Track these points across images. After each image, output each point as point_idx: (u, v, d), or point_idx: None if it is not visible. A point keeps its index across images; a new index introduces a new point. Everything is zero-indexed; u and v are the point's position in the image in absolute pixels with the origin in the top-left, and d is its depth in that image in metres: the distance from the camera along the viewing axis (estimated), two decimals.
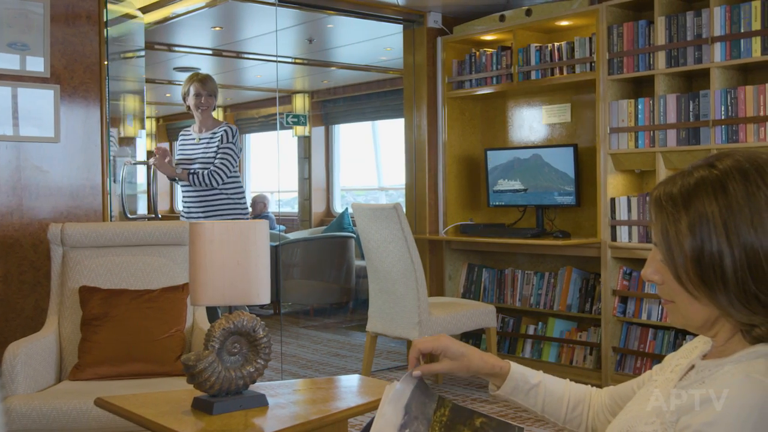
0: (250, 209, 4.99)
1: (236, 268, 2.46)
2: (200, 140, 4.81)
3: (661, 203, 1.24)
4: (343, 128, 9.89)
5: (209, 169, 4.67)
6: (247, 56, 7.60)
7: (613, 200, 4.71)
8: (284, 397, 2.59)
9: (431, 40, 5.71)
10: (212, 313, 4.35)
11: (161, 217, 5.41)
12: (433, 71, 5.72)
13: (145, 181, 4.98)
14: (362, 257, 4.95)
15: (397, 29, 5.93)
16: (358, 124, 9.70)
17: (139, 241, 3.70)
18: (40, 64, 4.06)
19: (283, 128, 9.42)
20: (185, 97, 4.88)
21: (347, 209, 8.50)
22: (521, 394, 1.57)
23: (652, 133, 4.50)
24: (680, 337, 4.44)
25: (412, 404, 1.44)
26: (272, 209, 9.79)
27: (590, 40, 4.86)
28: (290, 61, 7.95)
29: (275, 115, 9.62)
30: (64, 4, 4.15)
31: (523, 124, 5.59)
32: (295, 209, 10.21)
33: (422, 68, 5.72)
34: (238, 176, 4.83)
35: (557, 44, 5.05)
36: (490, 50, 5.49)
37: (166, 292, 3.52)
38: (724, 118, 4.20)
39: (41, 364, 3.24)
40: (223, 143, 4.72)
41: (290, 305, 7.96)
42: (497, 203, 5.49)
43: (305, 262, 7.66)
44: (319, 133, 9.85)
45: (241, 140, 4.82)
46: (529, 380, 1.57)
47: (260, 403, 2.41)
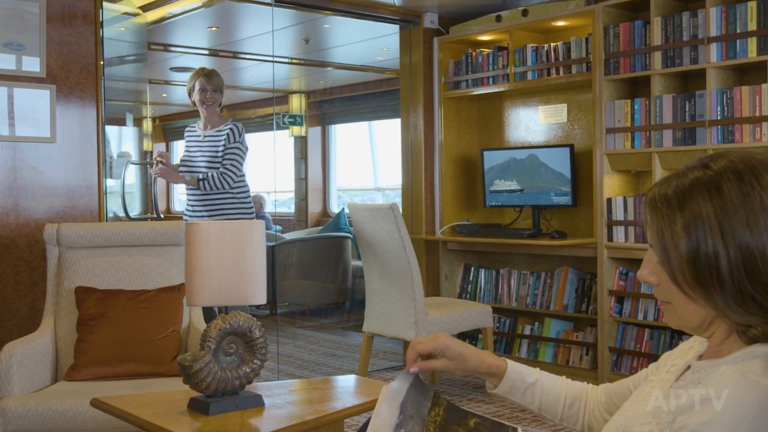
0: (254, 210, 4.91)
1: (232, 268, 2.46)
2: (205, 137, 4.73)
3: (656, 204, 1.24)
4: (339, 128, 9.88)
5: (218, 170, 4.58)
6: (243, 56, 7.59)
7: (609, 200, 4.71)
8: (280, 397, 2.59)
9: (428, 40, 5.71)
10: (208, 313, 4.33)
11: (163, 217, 5.36)
12: (429, 71, 5.72)
13: (137, 180, 4.94)
14: (359, 257, 4.95)
15: (393, 29, 5.93)
16: (354, 124, 9.69)
17: (135, 241, 3.70)
18: (36, 64, 4.06)
19: (279, 128, 9.42)
20: (190, 92, 4.76)
21: (344, 209, 8.50)
22: (518, 393, 1.57)
23: (648, 133, 4.51)
24: (676, 337, 4.45)
25: (407, 403, 1.44)
26: (269, 209, 9.79)
27: (586, 40, 4.87)
28: (287, 61, 7.94)
29: (272, 115, 9.61)
30: (59, 4, 4.14)
31: (519, 124, 5.59)
32: (291, 209, 10.19)
33: (419, 68, 5.72)
34: (243, 176, 4.72)
35: (554, 44, 5.06)
36: (486, 50, 5.49)
37: (162, 292, 3.51)
38: (719, 118, 4.21)
39: (37, 364, 3.23)
40: (230, 143, 4.63)
41: (287, 305, 7.96)
42: (493, 203, 5.49)
43: (302, 262, 7.66)
44: (315, 133, 9.84)
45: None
46: (525, 379, 1.57)
47: (256, 403, 2.41)
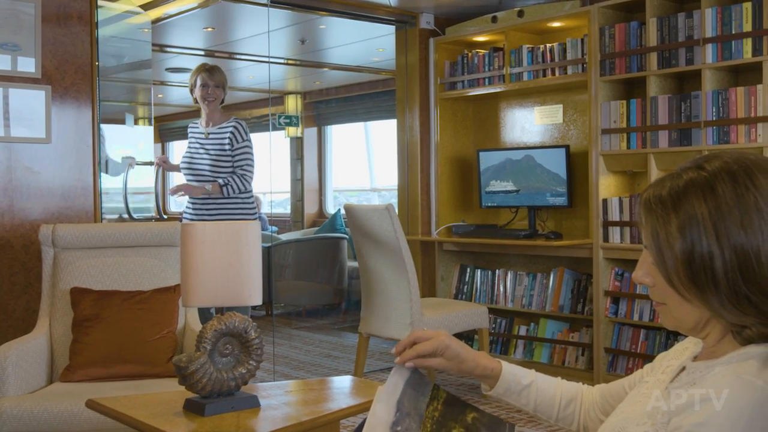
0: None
1: (228, 269, 2.46)
2: (208, 135, 4.69)
3: (650, 206, 1.24)
4: (335, 129, 9.88)
5: (237, 173, 4.57)
6: (239, 57, 7.59)
7: (605, 201, 4.72)
8: (276, 398, 2.59)
9: (423, 41, 5.71)
10: (204, 314, 4.32)
11: (167, 217, 5.32)
12: (425, 72, 5.72)
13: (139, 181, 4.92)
14: (354, 258, 4.94)
15: (389, 30, 5.93)
16: (350, 125, 9.69)
17: (130, 242, 3.69)
18: (31, 64, 4.05)
19: (275, 129, 9.42)
20: (192, 89, 4.72)
21: (340, 210, 8.49)
22: (513, 394, 1.58)
23: (643, 134, 4.51)
24: (672, 337, 4.45)
25: (404, 399, 1.43)
26: (264, 210, 9.78)
27: (582, 41, 4.87)
28: (282, 62, 7.94)
29: (267, 116, 9.61)
30: (55, 4, 4.13)
31: (515, 125, 5.59)
32: (287, 210, 10.19)
33: (414, 69, 5.72)
34: None
35: (549, 45, 5.06)
36: (482, 51, 5.49)
37: (157, 293, 3.51)
38: (715, 119, 4.21)
39: (32, 365, 3.22)
40: (238, 142, 4.63)
41: (282, 306, 7.95)
42: (489, 204, 5.49)
43: (297, 263, 7.65)
44: (311, 134, 9.84)
45: None
46: (521, 381, 1.58)
47: (252, 404, 2.41)
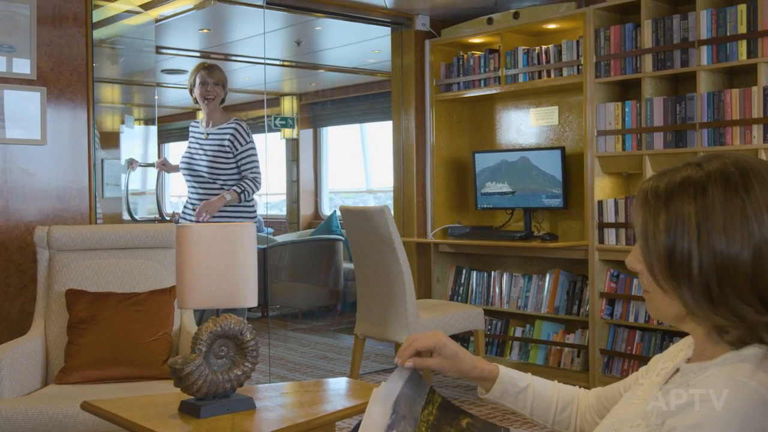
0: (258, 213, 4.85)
1: (223, 270, 2.46)
2: (208, 135, 4.62)
3: (646, 197, 1.27)
4: (331, 131, 9.88)
5: (247, 177, 4.50)
6: (234, 58, 7.58)
7: (600, 203, 4.72)
8: (272, 400, 2.59)
9: (419, 42, 5.71)
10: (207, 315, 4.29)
11: (168, 219, 5.29)
12: (421, 74, 5.73)
13: (143, 183, 4.91)
14: (350, 260, 4.95)
15: (385, 32, 5.93)
16: (346, 126, 9.70)
17: (126, 243, 3.69)
18: (26, 66, 4.04)
19: (271, 131, 9.42)
20: (191, 88, 4.64)
21: (335, 212, 8.49)
22: (510, 397, 1.58)
23: (639, 135, 4.52)
24: (667, 339, 4.46)
25: (401, 401, 1.43)
26: (260, 212, 9.76)
27: (577, 43, 4.88)
28: (278, 63, 7.94)
29: (263, 117, 9.60)
30: (50, 5, 4.13)
31: (510, 126, 5.60)
32: (283, 212, 10.19)
33: (410, 71, 5.72)
34: None
35: (545, 47, 5.07)
36: (477, 53, 5.50)
37: (153, 295, 3.50)
38: (710, 120, 4.22)
39: (27, 367, 3.22)
40: (242, 145, 4.55)
41: (278, 308, 7.95)
42: (485, 206, 5.50)
43: (293, 264, 7.65)
44: (307, 135, 9.84)
45: None
46: (517, 383, 1.58)
47: (247, 406, 2.41)
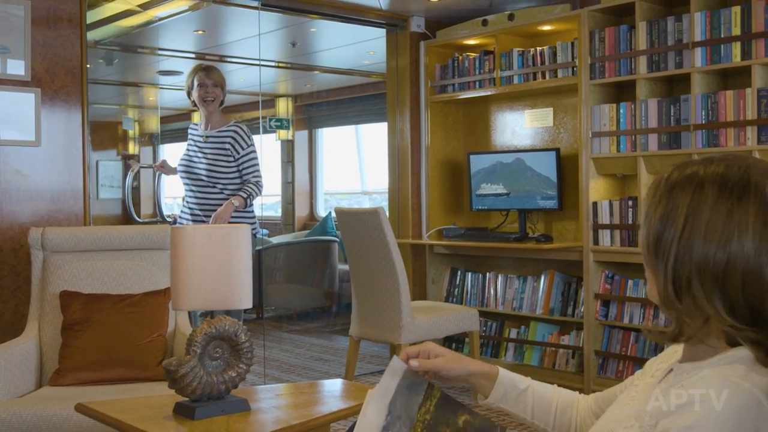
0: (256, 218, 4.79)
1: (218, 272, 2.45)
2: (207, 138, 4.51)
3: (659, 183, 1.30)
4: (326, 132, 9.87)
5: (250, 182, 4.44)
6: (230, 60, 7.57)
7: (595, 204, 4.73)
8: (266, 401, 2.58)
9: (414, 44, 5.72)
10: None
11: (169, 220, 5.27)
12: (416, 75, 5.73)
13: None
14: (345, 261, 4.94)
15: (380, 33, 5.93)
16: (341, 127, 9.69)
17: (120, 245, 3.68)
18: (20, 67, 4.03)
19: (266, 132, 9.40)
20: (189, 91, 4.54)
21: (330, 213, 8.49)
22: (511, 400, 1.56)
23: (633, 137, 4.53)
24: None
25: (396, 402, 1.42)
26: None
27: (572, 44, 4.88)
28: (273, 64, 7.93)
29: (258, 118, 9.60)
30: (45, 7, 4.12)
31: (505, 128, 5.60)
32: (278, 213, 10.18)
33: (405, 72, 5.72)
34: None
35: (540, 49, 5.07)
36: (472, 54, 5.50)
37: (147, 296, 3.50)
38: (704, 122, 4.23)
39: (21, 369, 3.21)
40: (243, 149, 4.46)
41: (273, 309, 7.94)
42: (480, 207, 5.50)
43: (288, 266, 7.64)
44: (302, 137, 9.83)
45: None
46: (517, 385, 1.57)
47: (242, 408, 2.40)
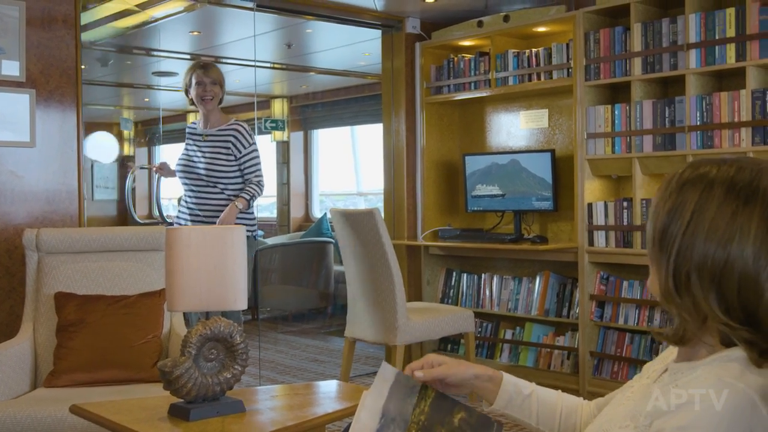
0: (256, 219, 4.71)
1: (213, 273, 2.45)
2: (206, 137, 4.40)
3: (671, 179, 1.31)
4: (321, 133, 9.87)
5: (252, 182, 4.35)
6: (225, 61, 7.56)
7: (590, 205, 4.73)
8: (262, 403, 2.58)
9: (410, 45, 5.72)
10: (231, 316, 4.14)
11: (170, 221, 5.24)
12: (411, 76, 5.73)
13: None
14: (341, 262, 4.94)
15: (375, 34, 5.93)
16: (336, 129, 9.69)
17: (115, 246, 3.68)
18: (15, 68, 4.03)
19: (261, 133, 9.40)
20: (187, 89, 4.41)
21: (326, 214, 8.48)
22: (515, 406, 1.55)
23: (628, 138, 4.54)
24: (656, 341, 4.47)
25: (390, 404, 1.41)
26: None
27: (567, 46, 4.89)
28: (269, 66, 7.94)
29: (254, 120, 9.59)
30: (40, 8, 4.11)
31: (501, 129, 5.61)
32: (273, 214, 10.17)
33: (400, 73, 5.73)
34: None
35: (535, 50, 5.08)
36: (468, 56, 5.51)
37: (142, 297, 3.50)
38: (699, 124, 4.24)
39: (15, 370, 3.20)
40: (246, 148, 4.36)
41: (268, 311, 7.93)
42: (475, 208, 5.50)
43: (284, 267, 7.64)
44: (297, 138, 9.83)
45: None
46: (522, 391, 1.56)
47: (237, 409, 2.40)
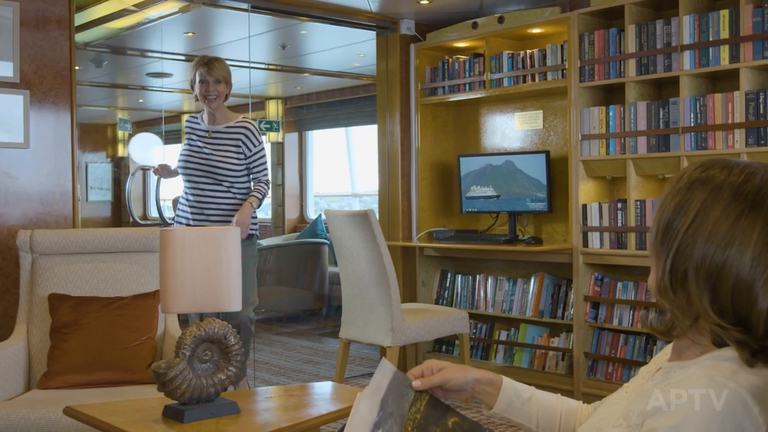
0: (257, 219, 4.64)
1: (207, 274, 2.45)
2: (213, 134, 4.27)
3: (681, 177, 1.32)
4: (316, 134, 9.87)
5: (261, 180, 4.27)
6: None
7: (584, 206, 4.74)
8: (256, 404, 2.58)
9: (404, 46, 5.72)
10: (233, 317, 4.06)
11: (171, 222, 5.21)
12: (406, 78, 5.73)
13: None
14: (335, 264, 4.94)
15: (370, 36, 5.94)
16: (331, 130, 9.69)
17: (109, 247, 3.67)
18: (9, 69, 4.02)
19: None
20: (192, 85, 4.27)
21: (320, 215, 8.48)
22: (515, 409, 1.55)
23: (622, 140, 4.54)
24: (651, 342, 4.48)
25: (388, 399, 1.41)
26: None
27: (562, 47, 4.90)
28: (263, 67, 7.93)
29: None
30: (34, 8, 4.11)
31: (495, 130, 5.62)
32: (268, 215, 10.17)
33: (395, 75, 5.73)
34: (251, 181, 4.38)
35: (529, 51, 5.09)
36: (462, 57, 5.51)
37: (137, 299, 3.49)
38: (693, 125, 4.25)
39: (9, 372, 3.20)
40: (255, 147, 4.25)
41: (263, 312, 7.93)
42: (470, 210, 5.51)
43: (278, 268, 7.63)
44: (292, 139, 9.83)
45: None
46: (521, 394, 1.56)
47: (232, 410, 2.40)
